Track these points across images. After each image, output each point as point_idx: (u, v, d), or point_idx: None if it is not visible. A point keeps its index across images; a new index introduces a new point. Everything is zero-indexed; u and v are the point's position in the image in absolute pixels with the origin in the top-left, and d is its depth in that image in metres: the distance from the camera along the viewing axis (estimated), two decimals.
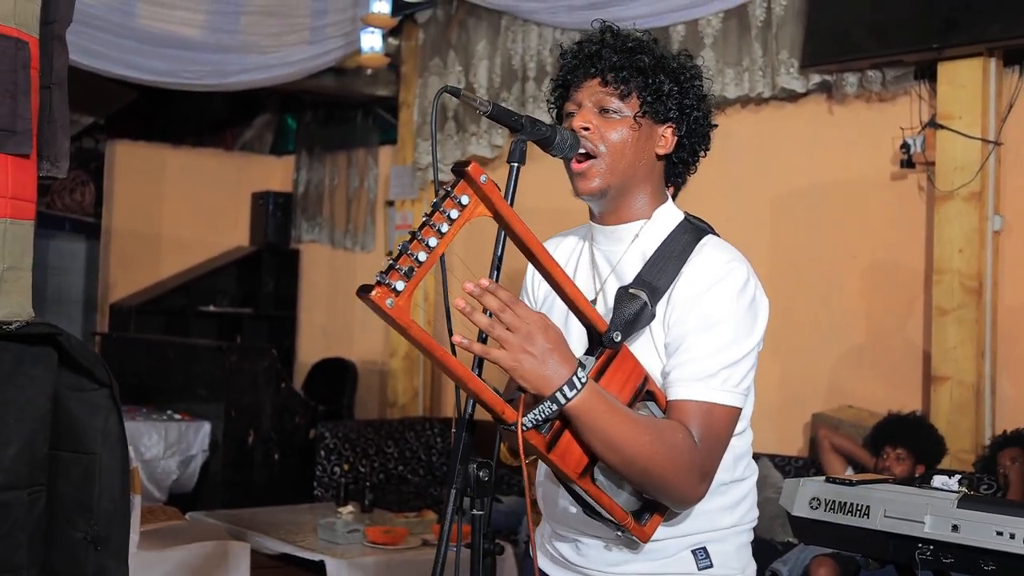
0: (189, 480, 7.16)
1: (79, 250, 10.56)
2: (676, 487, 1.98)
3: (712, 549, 2.14)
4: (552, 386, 1.86)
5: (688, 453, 1.97)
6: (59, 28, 2.53)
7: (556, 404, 1.87)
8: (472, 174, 1.80)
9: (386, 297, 1.72)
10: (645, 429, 1.94)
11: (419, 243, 1.76)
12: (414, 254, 1.75)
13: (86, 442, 2.45)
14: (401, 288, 1.73)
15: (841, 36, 5.75)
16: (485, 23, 7.72)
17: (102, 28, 7.06)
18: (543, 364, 1.85)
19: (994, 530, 2.38)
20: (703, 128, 2.22)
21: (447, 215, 1.80)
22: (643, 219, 2.19)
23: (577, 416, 1.89)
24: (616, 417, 1.91)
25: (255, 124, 10.60)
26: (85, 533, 2.43)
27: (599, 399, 1.90)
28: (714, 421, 2.02)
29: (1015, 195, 5.44)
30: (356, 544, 5.23)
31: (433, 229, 1.78)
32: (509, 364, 1.85)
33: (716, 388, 2.02)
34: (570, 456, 1.94)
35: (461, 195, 1.81)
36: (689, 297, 2.06)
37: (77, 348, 2.42)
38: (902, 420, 5.13)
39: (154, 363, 7.93)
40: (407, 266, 1.75)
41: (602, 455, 1.93)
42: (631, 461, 1.92)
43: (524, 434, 1.87)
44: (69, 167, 2.58)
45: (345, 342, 9.41)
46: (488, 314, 1.85)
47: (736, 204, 6.23)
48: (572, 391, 1.87)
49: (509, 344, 1.84)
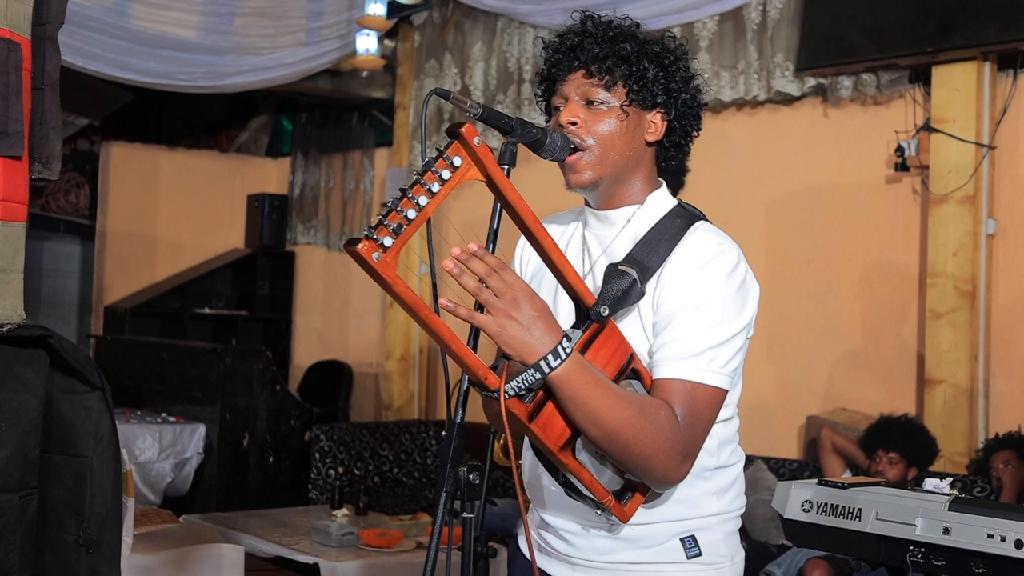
0: (184, 483, 7.15)
1: (74, 252, 10.57)
2: (657, 465, 1.95)
3: (700, 537, 2.13)
4: (536, 354, 1.85)
5: (670, 431, 1.95)
6: (51, 29, 2.53)
7: (540, 372, 1.85)
8: (466, 135, 1.79)
9: (373, 251, 1.70)
10: (628, 404, 1.92)
11: (409, 201, 1.75)
12: (403, 211, 1.74)
13: (78, 445, 2.45)
14: (389, 244, 1.72)
15: (836, 39, 5.76)
16: (481, 25, 7.72)
17: (97, 29, 7.06)
18: (528, 331, 1.84)
19: (985, 533, 2.38)
20: (692, 110, 2.20)
21: (439, 175, 1.78)
22: (636, 204, 2.19)
23: (560, 386, 1.87)
24: (599, 389, 1.89)
25: (251, 126, 10.60)
26: (77, 536, 2.43)
27: (583, 370, 1.89)
28: (698, 401, 2.00)
29: (1009, 199, 5.45)
30: (351, 547, 5.23)
31: (424, 188, 1.76)
32: (494, 329, 1.83)
33: (701, 368, 2.00)
34: (552, 428, 1.92)
35: (454, 156, 1.80)
36: (678, 277, 2.05)
37: (69, 350, 2.42)
38: (894, 423, 5.14)
39: (149, 365, 7.92)
40: (396, 223, 1.73)
41: (584, 428, 1.91)
42: (612, 435, 1.91)
43: (506, 402, 1.85)
44: (63, 169, 2.58)
45: (340, 344, 9.41)
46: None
47: (731, 207, 6.23)
48: (556, 360, 1.85)
49: (495, 309, 1.83)
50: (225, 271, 10.14)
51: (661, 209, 2.18)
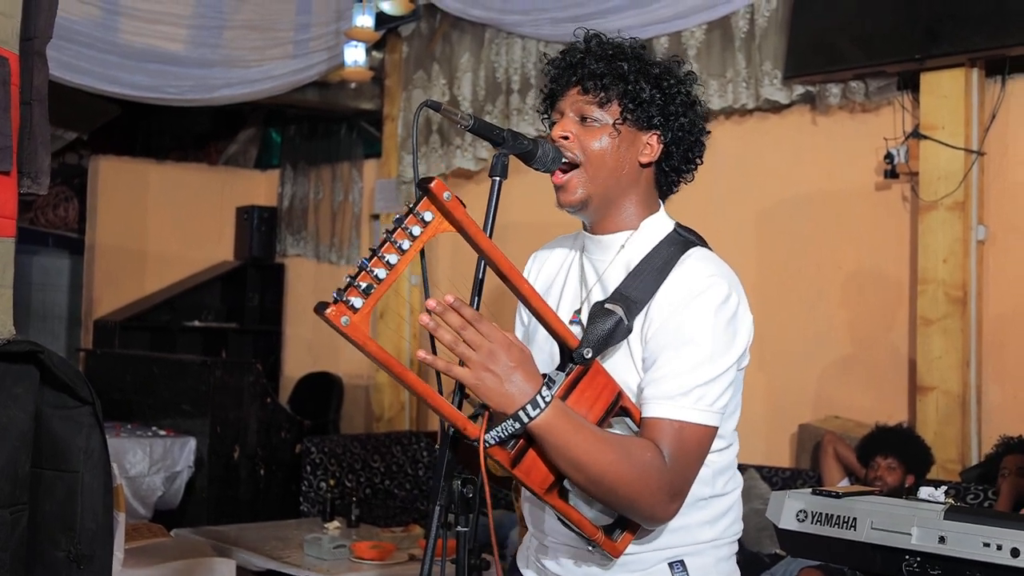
0: (174, 497, 7.12)
1: (63, 266, 10.53)
2: (644, 506, 1.96)
3: (690, 562, 2.11)
4: (515, 404, 1.85)
5: (656, 472, 1.94)
6: (39, 44, 2.52)
7: (518, 422, 1.86)
8: (435, 191, 1.79)
9: (341, 315, 1.72)
10: (611, 448, 1.92)
11: (379, 260, 1.76)
12: (373, 271, 1.75)
13: (68, 460, 2.44)
14: (359, 305, 1.73)
15: (824, 47, 5.77)
16: (469, 36, 7.72)
17: (85, 43, 7.04)
18: (506, 382, 1.84)
19: (981, 541, 2.37)
20: (691, 135, 2.19)
21: (409, 231, 1.79)
22: (630, 229, 2.17)
23: (541, 435, 1.88)
24: (580, 436, 1.89)
25: (239, 138, 10.58)
26: (68, 552, 2.42)
27: (564, 418, 1.89)
28: (685, 440, 1.98)
29: (998, 205, 5.45)
30: (343, 560, 5.22)
31: (394, 246, 1.77)
32: (471, 382, 1.84)
33: (688, 407, 1.98)
34: (536, 472, 1.93)
35: (424, 211, 1.80)
36: (666, 312, 2.03)
37: (59, 366, 2.41)
38: (890, 431, 5.14)
39: (139, 379, 7.89)
40: (366, 283, 1.74)
41: (567, 473, 1.92)
42: (596, 480, 1.91)
43: (489, 449, 1.87)
44: (52, 183, 2.57)
45: (331, 356, 9.38)
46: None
47: (720, 215, 6.23)
48: (535, 410, 1.85)
49: (471, 361, 1.83)
50: (215, 284, 10.11)
51: (656, 235, 2.15)
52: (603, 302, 2.06)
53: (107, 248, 9.73)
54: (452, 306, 1.82)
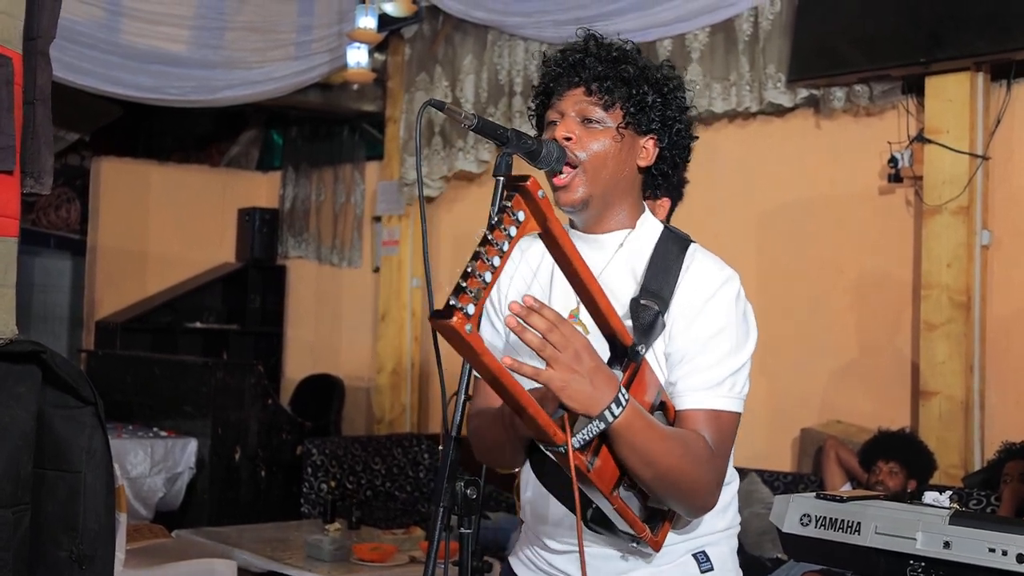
0: (175, 498, 7.12)
1: (64, 267, 10.53)
2: (700, 495, 2.02)
3: (711, 552, 2.16)
4: (599, 405, 1.85)
5: (708, 462, 2.00)
6: (42, 44, 2.51)
7: (604, 423, 1.86)
8: (531, 189, 1.77)
9: (465, 323, 1.67)
10: (677, 443, 1.96)
11: (484, 263, 1.71)
12: (481, 275, 1.70)
13: (71, 460, 2.43)
14: (472, 312, 1.68)
15: (828, 50, 5.76)
16: (471, 38, 7.71)
17: (87, 44, 7.04)
18: (590, 383, 1.84)
19: (986, 547, 2.36)
20: (684, 140, 2.21)
21: (507, 232, 1.76)
22: (627, 228, 2.18)
23: (620, 434, 1.89)
24: (654, 432, 1.93)
25: (241, 140, 10.58)
26: (70, 552, 2.41)
27: (639, 416, 1.91)
28: (723, 428, 2.05)
29: (1003, 209, 5.44)
30: (343, 561, 5.21)
31: (496, 248, 1.74)
32: (559, 384, 1.82)
33: (723, 396, 2.05)
34: (605, 473, 1.93)
35: (518, 211, 1.78)
36: (690, 308, 2.07)
37: (62, 365, 2.40)
38: (892, 436, 5.13)
39: (140, 380, 7.89)
40: (476, 288, 1.69)
41: (637, 470, 1.93)
42: (664, 474, 1.94)
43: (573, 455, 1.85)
44: (54, 184, 2.56)
45: (332, 358, 9.38)
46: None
47: (723, 218, 6.22)
48: (619, 409, 1.86)
49: (558, 363, 1.81)
50: (216, 285, 10.10)
51: (653, 234, 2.18)
52: (638, 298, 2.08)
53: (109, 249, 9.73)
54: (534, 308, 1.80)
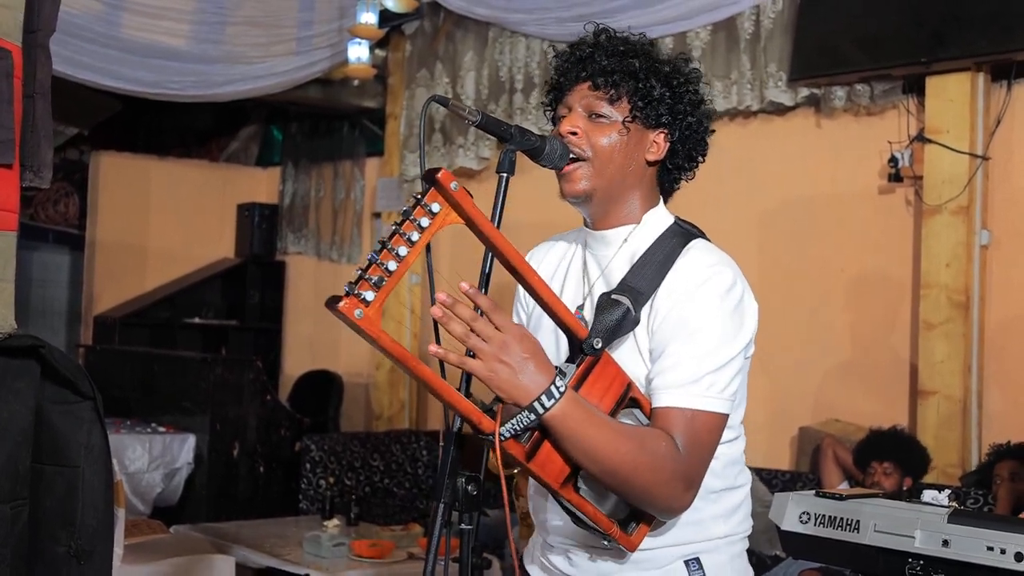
0: (174, 493, 7.11)
1: (63, 262, 10.51)
2: (660, 496, 1.95)
3: (705, 560, 2.11)
4: (529, 396, 1.84)
5: (671, 462, 1.94)
6: (42, 37, 2.50)
7: (534, 414, 1.85)
8: (442, 181, 1.78)
9: (355, 308, 1.70)
10: (626, 438, 1.91)
11: (389, 252, 1.75)
12: (384, 263, 1.74)
13: (69, 455, 2.42)
14: (371, 298, 1.71)
15: (829, 49, 5.75)
16: (472, 34, 7.71)
17: (86, 38, 7.02)
18: (519, 373, 1.83)
19: (985, 545, 2.36)
20: (697, 134, 2.19)
21: (417, 223, 1.78)
22: (633, 223, 2.17)
23: (555, 426, 1.86)
24: (595, 426, 1.89)
25: (241, 135, 10.57)
26: (68, 547, 2.40)
27: (578, 408, 1.88)
28: (698, 428, 1.98)
29: (1002, 210, 5.44)
30: (342, 558, 5.20)
31: (403, 238, 1.76)
32: (484, 374, 1.83)
33: (699, 394, 1.99)
34: (551, 465, 1.92)
35: (432, 203, 1.79)
36: (672, 302, 2.03)
37: (60, 360, 2.39)
38: (885, 434, 5.13)
39: (139, 375, 7.88)
40: (376, 276, 1.73)
41: (582, 464, 1.91)
42: (612, 471, 1.90)
43: (503, 444, 1.85)
44: (53, 178, 2.55)
45: (331, 354, 9.37)
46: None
47: (724, 217, 6.22)
48: (550, 400, 1.84)
49: (484, 353, 1.82)
50: (215, 281, 10.10)
51: (658, 228, 2.16)
52: (609, 293, 2.06)
53: (107, 244, 9.72)
54: (468, 294, 1.81)
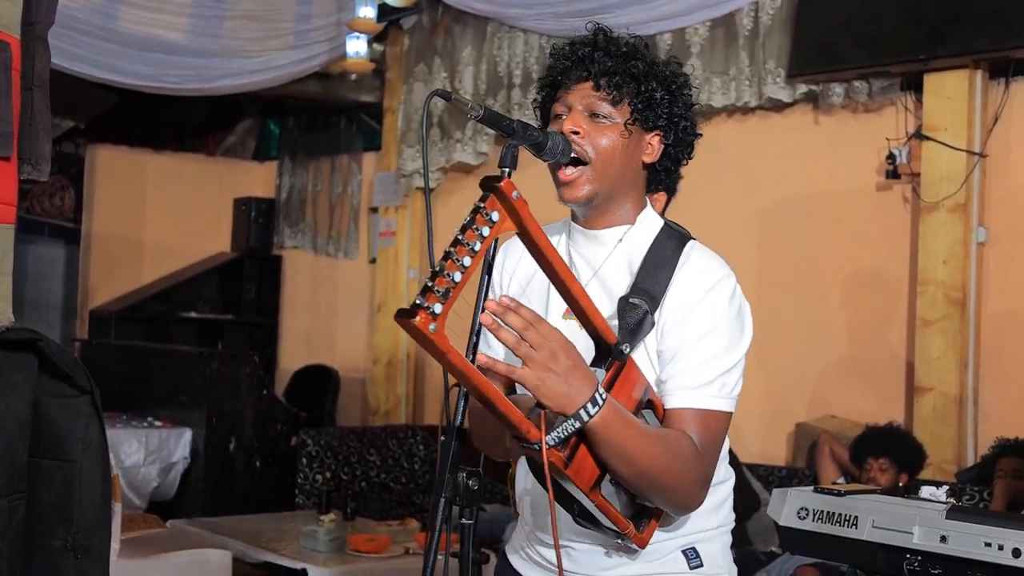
0: (170, 488, 7.11)
1: (58, 255, 10.49)
2: (683, 495, 2.02)
3: (701, 549, 2.16)
4: (575, 404, 1.85)
5: (694, 462, 2.00)
6: (41, 29, 2.50)
7: (579, 421, 1.86)
8: (504, 190, 1.78)
9: (429, 322, 1.68)
10: (657, 441, 1.96)
11: (454, 263, 1.72)
12: (450, 274, 1.71)
13: (67, 449, 2.42)
14: (439, 311, 1.70)
15: (828, 46, 5.75)
16: (471, 29, 7.70)
17: (83, 31, 7.01)
18: (566, 382, 1.84)
19: (983, 541, 2.36)
20: (689, 137, 2.21)
21: (479, 232, 1.77)
22: (627, 224, 2.18)
23: (598, 432, 1.89)
24: (632, 431, 1.92)
25: (237, 129, 10.55)
26: (65, 541, 2.40)
27: (617, 414, 1.91)
28: (712, 428, 2.04)
29: (1000, 207, 5.44)
30: (339, 552, 5.20)
31: (466, 248, 1.75)
32: (533, 383, 1.83)
33: (713, 395, 2.04)
34: (584, 470, 1.94)
35: (492, 211, 1.79)
36: (683, 306, 2.07)
37: (58, 354, 2.38)
38: (881, 431, 5.13)
39: (134, 370, 7.87)
40: (444, 287, 1.70)
41: (616, 468, 1.94)
42: (643, 472, 1.94)
43: (547, 453, 1.86)
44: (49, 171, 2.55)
45: (327, 349, 9.37)
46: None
47: (722, 213, 6.22)
48: (595, 408, 1.86)
49: (534, 362, 1.82)
50: (211, 275, 10.08)
51: (651, 229, 2.18)
52: (627, 296, 2.08)
53: (103, 238, 9.70)
54: (510, 307, 1.81)
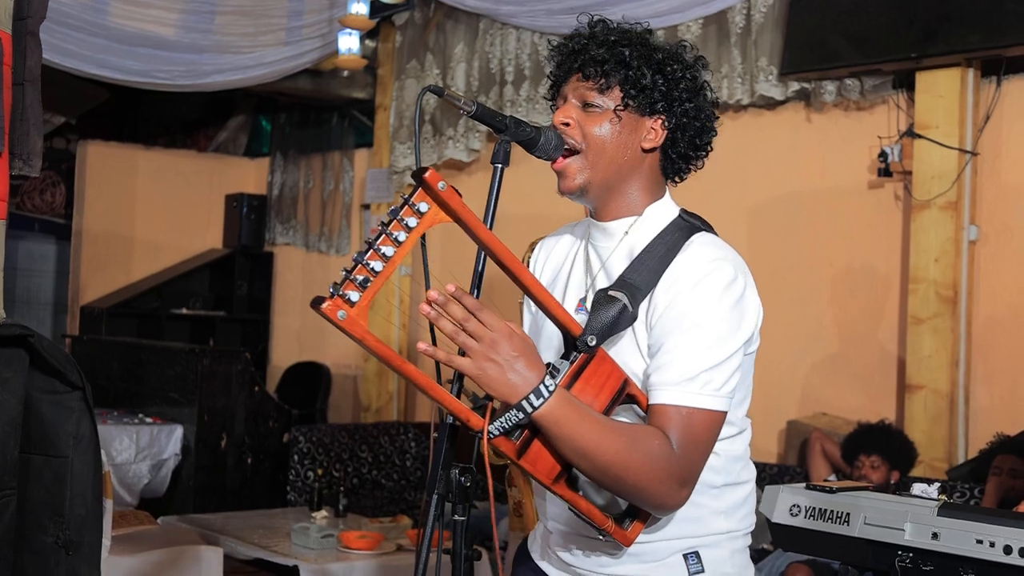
0: (161, 484, 7.10)
1: (49, 251, 10.48)
2: (653, 494, 1.93)
3: (705, 554, 2.09)
4: (518, 394, 1.84)
5: (664, 460, 1.92)
6: (32, 24, 2.49)
7: (522, 412, 1.85)
8: (429, 181, 1.77)
9: (338, 309, 1.72)
10: (618, 436, 1.90)
11: (375, 252, 1.75)
12: (369, 264, 1.74)
13: (58, 445, 2.42)
14: (356, 299, 1.73)
15: (820, 44, 5.76)
16: (463, 26, 7.69)
17: (74, 27, 6.99)
18: (508, 371, 1.83)
19: (974, 538, 2.37)
20: (697, 121, 2.15)
21: (405, 223, 1.78)
22: (634, 215, 2.15)
23: (545, 424, 1.86)
24: (586, 424, 1.88)
25: (229, 125, 10.54)
26: (56, 537, 2.40)
27: (568, 406, 1.88)
28: (694, 426, 1.96)
29: (991, 205, 5.45)
30: (330, 549, 5.20)
31: (390, 238, 1.76)
32: (473, 372, 1.83)
33: (695, 392, 1.96)
34: (542, 462, 1.92)
35: (420, 202, 1.79)
36: (671, 296, 2.02)
37: (49, 350, 2.38)
38: (873, 428, 5.15)
39: (126, 366, 7.86)
40: (362, 276, 1.74)
41: (573, 462, 1.91)
42: (603, 468, 1.89)
43: (494, 440, 1.86)
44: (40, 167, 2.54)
45: (319, 346, 9.36)
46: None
47: (713, 211, 6.14)
48: (539, 399, 1.84)
49: (473, 351, 1.82)
50: (203, 271, 10.07)
51: (661, 221, 2.13)
52: (606, 289, 2.04)
53: (94, 234, 9.68)
54: (454, 295, 1.80)
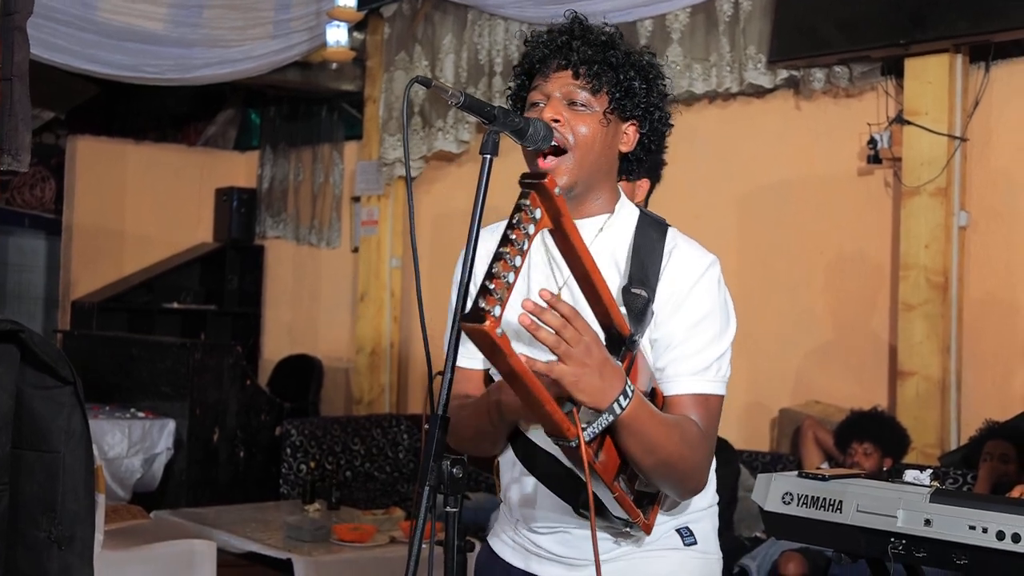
0: (153, 479, 7.09)
1: (39, 247, 10.45)
2: (694, 480, 2.08)
3: (694, 528, 2.21)
4: (608, 398, 1.88)
5: (701, 445, 2.05)
6: (20, 19, 2.49)
7: (612, 415, 1.89)
8: (548, 187, 1.79)
9: (496, 327, 1.70)
10: (675, 429, 2.00)
11: (507, 263, 1.74)
12: (505, 276, 1.73)
13: (49, 440, 2.41)
14: (498, 313, 1.72)
15: (808, 31, 5.76)
16: (451, 17, 7.68)
17: (63, 21, 6.97)
18: (600, 377, 1.87)
19: (967, 524, 2.37)
20: (663, 127, 2.23)
21: (525, 231, 1.78)
22: (606, 214, 2.18)
23: (628, 424, 1.92)
24: (656, 420, 1.97)
25: (218, 119, 10.51)
26: (49, 533, 2.39)
27: (644, 406, 1.95)
28: (711, 411, 2.10)
29: (981, 191, 5.46)
30: (323, 542, 5.20)
31: (516, 247, 1.76)
32: (571, 379, 1.84)
33: (710, 380, 2.09)
34: (608, 463, 1.97)
35: (535, 208, 1.80)
36: (676, 295, 2.10)
37: (40, 345, 2.37)
38: (865, 415, 5.17)
39: (117, 361, 7.85)
40: (500, 289, 1.72)
41: (639, 459, 1.97)
42: (664, 461, 1.98)
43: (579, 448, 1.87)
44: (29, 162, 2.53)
45: (310, 339, 9.36)
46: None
47: (703, 199, 6.23)
48: (626, 400, 1.90)
49: (571, 359, 1.84)
50: (194, 265, 10.06)
51: (631, 219, 2.19)
52: (629, 287, 2.10)
53: (85, 229, 9.67)
54: (550, 302, 1.81)
